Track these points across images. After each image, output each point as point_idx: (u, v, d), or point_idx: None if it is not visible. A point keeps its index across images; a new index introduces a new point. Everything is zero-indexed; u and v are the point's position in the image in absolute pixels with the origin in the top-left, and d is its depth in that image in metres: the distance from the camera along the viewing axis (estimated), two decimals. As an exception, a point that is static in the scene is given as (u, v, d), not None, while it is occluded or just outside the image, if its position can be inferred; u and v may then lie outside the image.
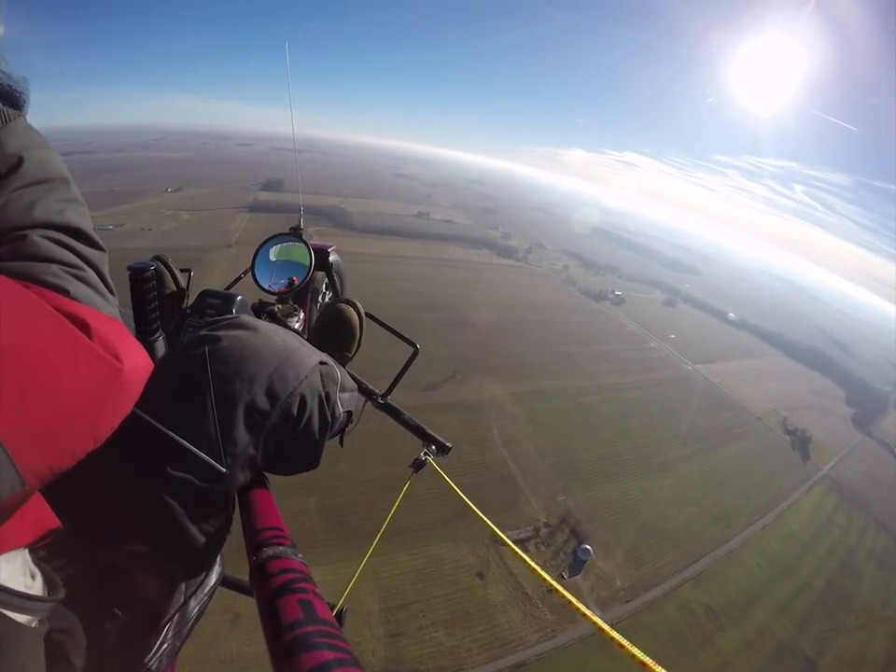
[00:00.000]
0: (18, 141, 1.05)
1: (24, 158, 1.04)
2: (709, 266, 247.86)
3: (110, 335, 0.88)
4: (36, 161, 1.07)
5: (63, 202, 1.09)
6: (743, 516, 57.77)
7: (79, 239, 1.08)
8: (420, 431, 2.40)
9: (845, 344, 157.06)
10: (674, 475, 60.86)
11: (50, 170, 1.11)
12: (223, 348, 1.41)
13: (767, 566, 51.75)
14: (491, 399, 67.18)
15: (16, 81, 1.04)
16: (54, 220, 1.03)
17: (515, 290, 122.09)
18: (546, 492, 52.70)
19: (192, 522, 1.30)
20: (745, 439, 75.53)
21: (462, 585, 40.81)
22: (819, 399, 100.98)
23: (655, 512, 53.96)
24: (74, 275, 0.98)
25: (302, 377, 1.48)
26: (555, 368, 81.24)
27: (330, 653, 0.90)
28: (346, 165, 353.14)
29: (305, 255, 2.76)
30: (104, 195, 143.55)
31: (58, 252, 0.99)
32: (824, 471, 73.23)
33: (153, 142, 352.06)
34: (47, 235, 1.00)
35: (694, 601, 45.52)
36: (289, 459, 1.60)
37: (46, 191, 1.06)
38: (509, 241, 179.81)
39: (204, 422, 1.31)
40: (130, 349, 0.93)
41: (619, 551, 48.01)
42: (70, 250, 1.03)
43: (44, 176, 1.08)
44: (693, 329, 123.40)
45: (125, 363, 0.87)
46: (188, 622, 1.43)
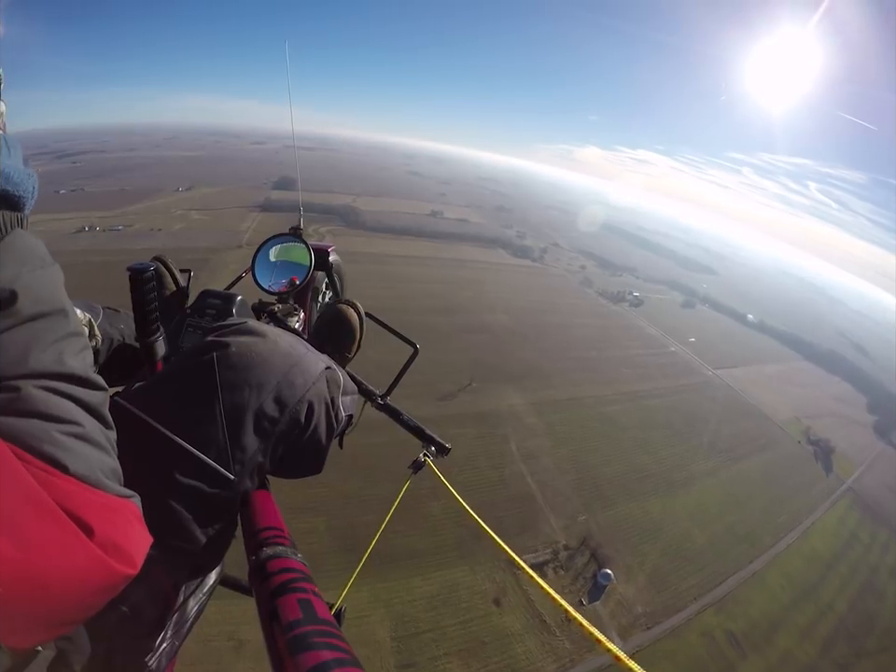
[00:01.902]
0: (12, 267, 0.91)
1: (18, 292, 0.89)
2: (726, 265, 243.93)
3: (113, 529, 0.81)
4: (32, 293, 0.92)
5: (61, 340, 0.95)
6: (767, 535, 55.62)
7: (79, 384, 0.96)
8: (419, 432, 2.39)
9: (863, 347, 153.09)
10: (697, 491, 58.87)
11: (47, 301, 0.96)
12: (232, 354, 1.43)
13: (790, 587, 49.87)
14: (509, 409, 65.29)
15: (18, 178, 0.94)
16: (53, 370, 0.91)
17: (532, 292, 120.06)
18: (566, 511, 50.76)
19: (199, 527, 1.32)
20: (768, 450, 73.20)
21: (477, 613, 38.96)
22: (841, 406, 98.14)
23: (678, 532, 51.95)
24: (74, 435, 0.88)
25: (310, 384, 1.53)
26: (575, 375, 79.30)
27: (330, 653, 0.91)
28: (359, 163, 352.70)
29: (305, 255, 2.71)
30: (115, 195, 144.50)
31: (56, 406, 0.88)
32: (847, 484, 70.95)
33: (165, 141, 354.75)
34: (44, 386, 0.88)
35: (717, 627, 43.64)
36: (295, 464, 1.66)
37: (42, 330, 0.92)
38: (524, 240, 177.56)
39: (213, 428, 1.33)
40: (133, 542, 0.86)
41: (641, 574, 46.10)
42: (70, 399, 0.92)
43: (40, 311, 0.93)
44: (713, 332, 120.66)
45: (124, 565, 0.80)
46: (187, 621, 1.48)
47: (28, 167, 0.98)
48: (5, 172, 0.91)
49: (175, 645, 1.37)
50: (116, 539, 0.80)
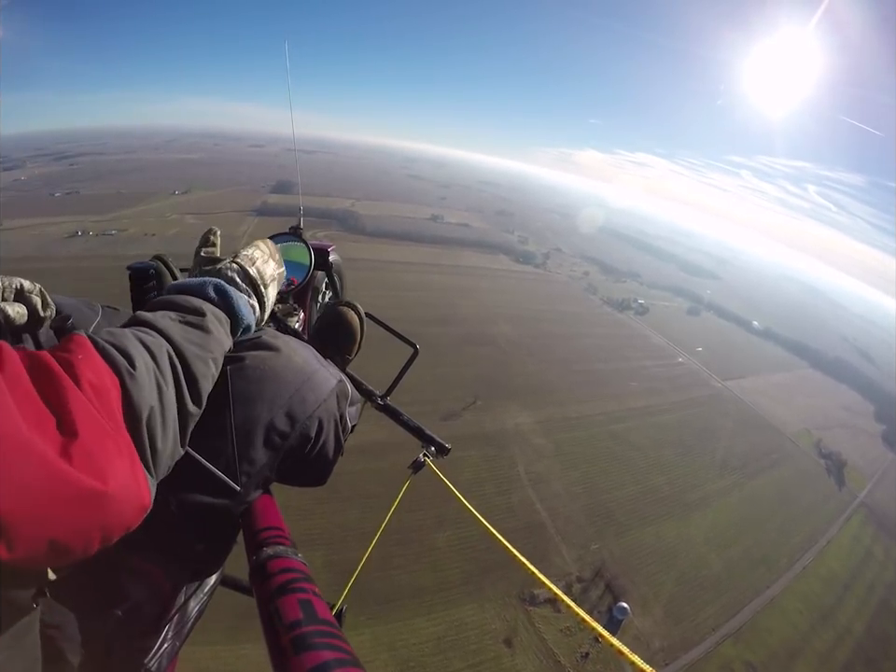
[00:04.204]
0: (212, 311, 1.26)
1: (207, 315, 1.24)
2: (728, 270, 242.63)
3: (98, 448, 0.75)
4: (214, 324, 1.23)
5: (205, 351, 1.17)
6: (783, 557, 53.82)
7: (188, 381, 1.09)
8: (419, 432, 2.39)
9: (867, 353, 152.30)
10: (712, 513, 56.97)
11: (219, 338, 1.26)
12: (245, 367, 1.45)
13: (808, 612, 48.13)
14: (516, 429, 62.88)
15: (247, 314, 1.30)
16: (184, 353, 1.08)
17: (536, 300, 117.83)
18: (578, 540, 48.46)
19: (202, 535, 1.36)
20: (780, 465, 71.60)
21: (487, 655, 36.36)
22: (850, 416, 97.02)
23: (694, 558, 49.98)
24: None
25: (321, 400, 1.54)
26: (583, 390, 77.14)
27: (330, 653, 0.91)
28: (358, 167, 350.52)
29: (305, 255, 2.67)
30: (111, 198, 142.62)
31: None
32: (860, 499, 69.54)
33: (164, 143, 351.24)
34: (170, 352, 1.05)
35: (736, 659, 41.58)
36: (301, 477, 1.70)
37: (202, 340, 1.18)
38: (526, 245, 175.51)
39: (222, 440, 1.35)
40: (117, 469, 0.79)
41: (657, 606, 43.82)
42: (174, 375, 1.03)
43: (211, 331, 1.21)
44: (720, 341, 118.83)
45: (110, 484, 0.75)
46: (187, 622, 1.49)
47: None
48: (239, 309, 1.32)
49: (175, 646, 1.39)
50: (99, 459, 0.75)
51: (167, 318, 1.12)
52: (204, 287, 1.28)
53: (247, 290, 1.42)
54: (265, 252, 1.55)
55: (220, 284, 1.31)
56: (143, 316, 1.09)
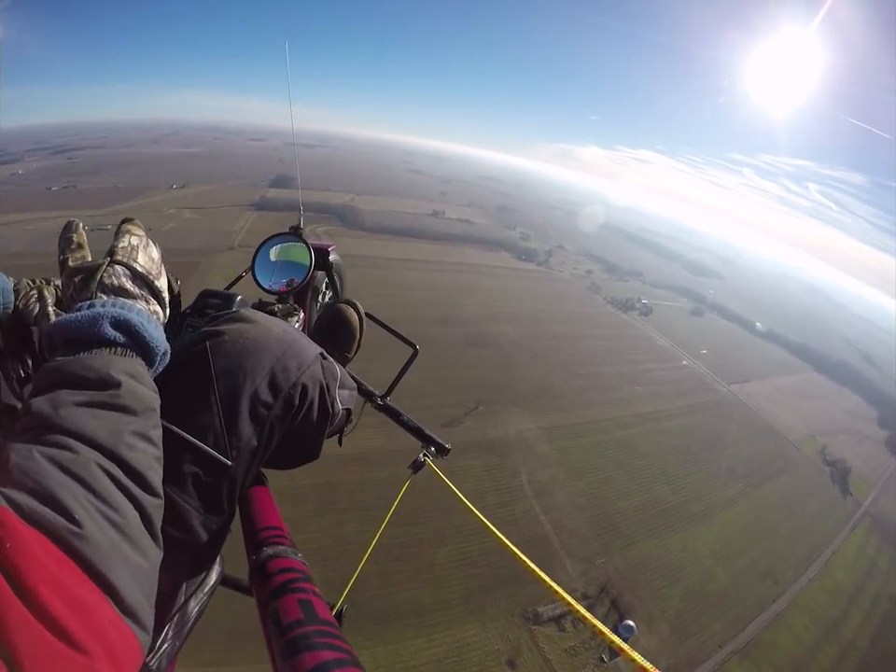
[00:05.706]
0: (123, 367, 1.02)
1: (122, 383, 0.97)
2: (731, 269, 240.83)
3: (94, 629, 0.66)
4: (133, 392, 0.99)
5: (136, 435, 0.95)
6: (789, 569, 53.04)
7: (135, 481, 0.89)
8: (419, 432, 2.42)
9: (869, 355, 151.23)
10: (718, 524, 55.97)
11: (143, 402, 1.01)
12: (225, 342, 1.44)
13: (814, 626, 47.33)
14: (518, 436, 61.54)
15: (160, 339, 1.16)
16: (115, 452, 0.87)
17: (538, 300, 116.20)
18: (583, 553, 47.29)
19: (197, 516, 1.33)
20: (785, 473, 70.75)
21: (490, 678, 35.39)
22: (853, 421, 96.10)
23: (701, 572, 49.05)
24: (104, 516, 0.78)
25: (305, 367, 1.52)
26: (587, 394, 75.87)
27: (330, 653, 0.91)
28: (358, 161, 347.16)
29: (305, 255, 2.67)
30: (108, 192, 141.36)
31: (102, 482, 0.82)
32: (864, 507, 68.96)
33: (163, 137, 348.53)
34: (100, 463, 0.83)
35: (741, 676, 40.99)
36: (290, 451, 1.66)
37: (127, 422, 0.94)
38: (528, 242, 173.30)
39: (209, 416, 1.34)
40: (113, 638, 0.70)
41: (663, 623, 42.87)
42: (119, 487, 0.85)
43: (134, 407, 0.97)
44: (724, 343, 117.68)
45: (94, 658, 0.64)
46: (187, 622, 1.48)
47: None
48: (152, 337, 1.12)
49: (175, 646, 1.37)
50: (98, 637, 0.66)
51: (72, 409, 0.88)
52: (99, 327, 1.04)
53: (142, 294, 1.24)
54: (140, 234, 1.35)
55: (118, 314, 1.07)
56: (41, 413, 0.87)
